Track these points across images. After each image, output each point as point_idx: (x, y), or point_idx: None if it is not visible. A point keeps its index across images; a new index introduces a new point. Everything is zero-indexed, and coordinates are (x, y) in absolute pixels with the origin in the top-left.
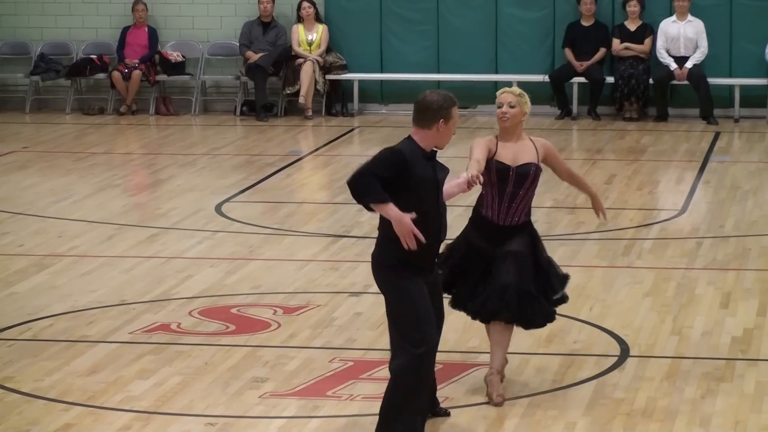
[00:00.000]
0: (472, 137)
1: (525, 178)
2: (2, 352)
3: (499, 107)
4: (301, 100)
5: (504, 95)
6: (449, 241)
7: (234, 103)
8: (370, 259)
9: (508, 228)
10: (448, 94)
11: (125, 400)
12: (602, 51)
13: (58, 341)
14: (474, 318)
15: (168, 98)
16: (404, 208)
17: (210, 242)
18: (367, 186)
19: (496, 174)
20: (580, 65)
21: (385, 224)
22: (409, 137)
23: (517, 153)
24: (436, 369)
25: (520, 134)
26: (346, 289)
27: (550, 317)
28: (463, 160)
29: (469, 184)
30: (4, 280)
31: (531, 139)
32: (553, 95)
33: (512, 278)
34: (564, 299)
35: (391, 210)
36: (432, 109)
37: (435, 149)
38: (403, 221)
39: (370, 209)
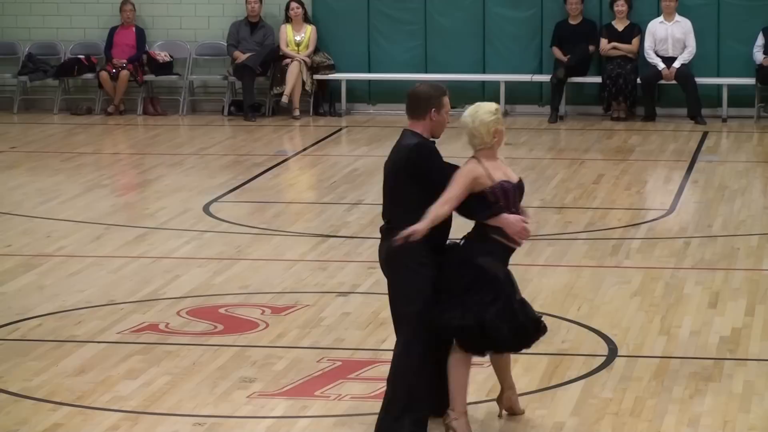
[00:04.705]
0: (459, 137)
1: (523, 192)
2: None
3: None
4: (284, 99)
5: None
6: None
7: (222, 103)
8: (358, 260)
9: None
10: (436, 83)
11: (113, 400)
12: (589, 48)
13: (47, 341)
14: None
15: (156, 98)
16: (431, 199)
17: (198, 242)
18: (468, 209)
19: (512, 195)
20: (566, 59)
21: (416, 215)
22: (408, 131)
23: (505, 169)
24: None
25: None
26: (334, 289)
27: None
28: (451, 159)
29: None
30: None
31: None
32: (542, 96)
33: None
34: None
35: (502, 218)
36: (422, 99)
37: (432, 139)
38: (515, 222)
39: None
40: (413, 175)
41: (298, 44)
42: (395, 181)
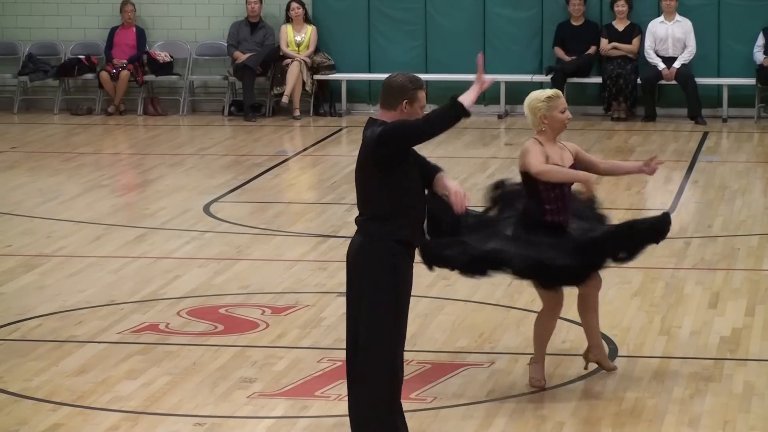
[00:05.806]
0: (459, 137)
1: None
2: None
3: (563, 112)
4: (284, 99)
5: (563, 99)
6: None
7: (222, 103)
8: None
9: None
10: (414, 76)
11: (114, 400)
12: (592, 48)
13: (47, 341)
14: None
15: (156, 98)
16: (398, 188)
17: (198, 242)
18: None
19: None
20: (569, 59)
21: (386, 205)
22: (377, 119)
23: (561, 154)
24: (424, 369)
25: None
26: (334, 289)
27: None
28: (451, 160)
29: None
30: None
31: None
32: None
33: None
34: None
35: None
36: (395, 90)
37: None
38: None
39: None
40: (378, 163)
41: (298, 44)
42: (364, 173)
